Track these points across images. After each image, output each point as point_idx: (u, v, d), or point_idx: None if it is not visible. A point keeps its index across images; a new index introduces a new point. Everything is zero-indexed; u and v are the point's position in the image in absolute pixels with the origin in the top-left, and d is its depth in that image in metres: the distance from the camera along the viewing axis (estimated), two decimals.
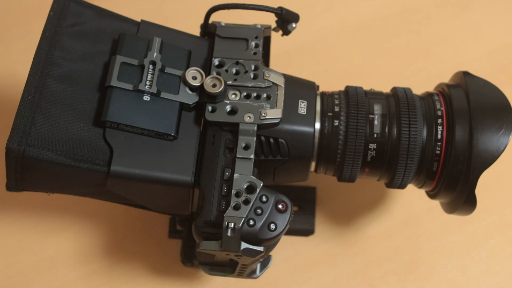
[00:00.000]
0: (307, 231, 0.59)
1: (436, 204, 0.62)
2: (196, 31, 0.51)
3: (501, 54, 0.70)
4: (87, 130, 0.43)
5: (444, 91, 0.50)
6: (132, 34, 0.47)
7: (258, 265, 0.51)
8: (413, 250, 0.60)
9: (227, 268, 0.49)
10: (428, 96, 0.50)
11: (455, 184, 0.48)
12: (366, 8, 0.73)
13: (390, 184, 0.50)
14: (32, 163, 0.42)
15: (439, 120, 0.48)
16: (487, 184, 0.64)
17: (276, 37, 0.53)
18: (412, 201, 0.62)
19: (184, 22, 0.51)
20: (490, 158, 0.46)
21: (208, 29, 0.50)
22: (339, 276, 0.58)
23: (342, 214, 0.61)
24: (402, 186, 0.50)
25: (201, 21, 0.50)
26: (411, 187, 0.53)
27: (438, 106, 0.48)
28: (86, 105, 0.44)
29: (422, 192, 0.63)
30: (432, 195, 0.52)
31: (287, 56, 0.68)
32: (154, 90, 0.44)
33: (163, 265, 0.58)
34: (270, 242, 0.43)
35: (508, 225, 0.61)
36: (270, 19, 0.51)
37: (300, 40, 0.69)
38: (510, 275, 0.59)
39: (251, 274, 0.51)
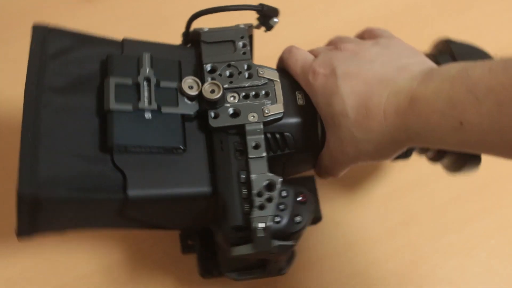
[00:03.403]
0: (315, 219, 0.59)
1: (436, 204, 0.62)
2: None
3: (502, 54, 0.70)
4: (95, 160, 0.42)
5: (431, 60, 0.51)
6: (120, 54, 0.46)
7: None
8: (413, 250, 0.60)
9: (256, 270, 0.49)
10: None
11: None
12: (366, 7, 0.73)
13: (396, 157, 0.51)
14: (45, 204, 0.40)
15: None
16: (487, 184, 0.64)
17: (277, 38, 0.53)
18: (412, 201, 0.62)
19: (184, 22, 0.51)
20: None
21: (191, 37, 0.50)
22: (339, 276, 0.58)
23: (342, 214, 0.61)
24: (407, 156, 0.52)
25: (202, 20, 0.50)
26: (411, 187, 0.53)
27: None
28: (88, 135, 0.43)
29: (422, 192, 0.63)
30: (436, 158, 0.54)
31: None
32: (154, 106, 0.43)
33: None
34: (298, 235, 0.43)
35: (508, 225, 0.61)
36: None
37: (300, 40, 0.69)
38: (510, 275, 0.59)
39: (280, 271, 0.50)
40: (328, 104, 0.44)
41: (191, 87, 0.45)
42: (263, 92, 0.46)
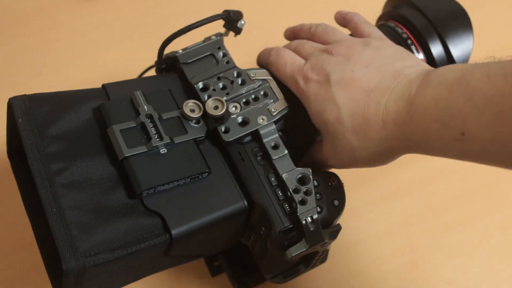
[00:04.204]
0: None
1: (436, 204, 0.62)
2: (201, 31, 0.51)
3: (501, 54, 0.70)
4: (126, 211, 0.41)
5: (395, 16, 0.53)
6: (108, 101, 0.45)
7: None
8: (413, 250, 0.60)
9: (300, 266, 0.49)
10: (383, 26, 0.53)
11: None
12: (366, 7, 0.73)
13: None
14: (92, 273, 0.39)
15: (409, 41, 0.50)
16: (487, 184, 0.64)
17: (277, 38, 0.53)
18: (412, 201, 0.62)
19: (184, 22, 0.51)
20: (468, 51, 0.51)
21: (166, 63, 0.49)
22: (339, 276, 0.58)
23: (342, 214, 0.61)
24: None
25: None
26: (411, 187, 0.53)
27: (399, 30, 0.51)
28: (109, 190, 0.41)
29: (422, 193, 0.63)
30: None
31: None
32: (167, 139, 0.43)
33: None
34: (339, 217, 0.44)
35: (508, 225, 0.61)
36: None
37: None
38: (510, 275, 0.59)
39: (323, 260, 0.50)
40: (322, 111, 0.44)
41: (193, 110, 0.45)
42: (262, 93, 0.46)
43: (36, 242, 0.43)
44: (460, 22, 0.51)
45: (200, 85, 0.46)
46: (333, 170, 0.46)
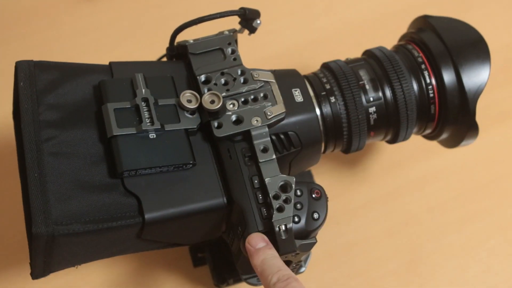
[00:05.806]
0: None
1: (436, 204, 0.62)
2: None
3: (501, 54, 0.70)
4: (106, 188, 0.41)
5: (414, 39, 0.53)
6: (111, 78, 0.45)
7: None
8: (413, 250, 0.60)
9: None
10: (401, 47, 0.53)
11: (455, 117, 0.51)
12: (365, 7, 0.73)
13: (395, 139, 0.52)
14: (62, 241, 0.39)
15: (423, 66, 0.51)
16: (487, 184, 0.64)
17: (277, 37, 0.53)
18: (412, 201, 0.62)
19: (183, 22, 0.51)
20: (481, 84, 0.50)
21: (176, 51, 0.49)
22: (339, 276, 0.58)
23: (342, 214, 0.61)
24: (406, 138, 0.52)
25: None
26: (411, 187, 0.53)
27: (415, 54, 0.51)
28: (94, 164, 0.42)
29: (422, 193, 0.63)
30: (433, 136, 0.54)
31: (287, 56, 0.68)
32: (157, 125, 0.43)
33: None
34: (317, 231, 0.43)
35: (508, 225, 0.61)
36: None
37: (300, 40, 0.69)
38: (510, 275, 0.59)
39: (300, 270, 0.50)
40: None
41: (189, 101, 0.45)
42: (262, 95, 0.46)
43: (23, 208, 0.43)
44: (477, 53, 0.50)
45: (203, 77, 0.46)
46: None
